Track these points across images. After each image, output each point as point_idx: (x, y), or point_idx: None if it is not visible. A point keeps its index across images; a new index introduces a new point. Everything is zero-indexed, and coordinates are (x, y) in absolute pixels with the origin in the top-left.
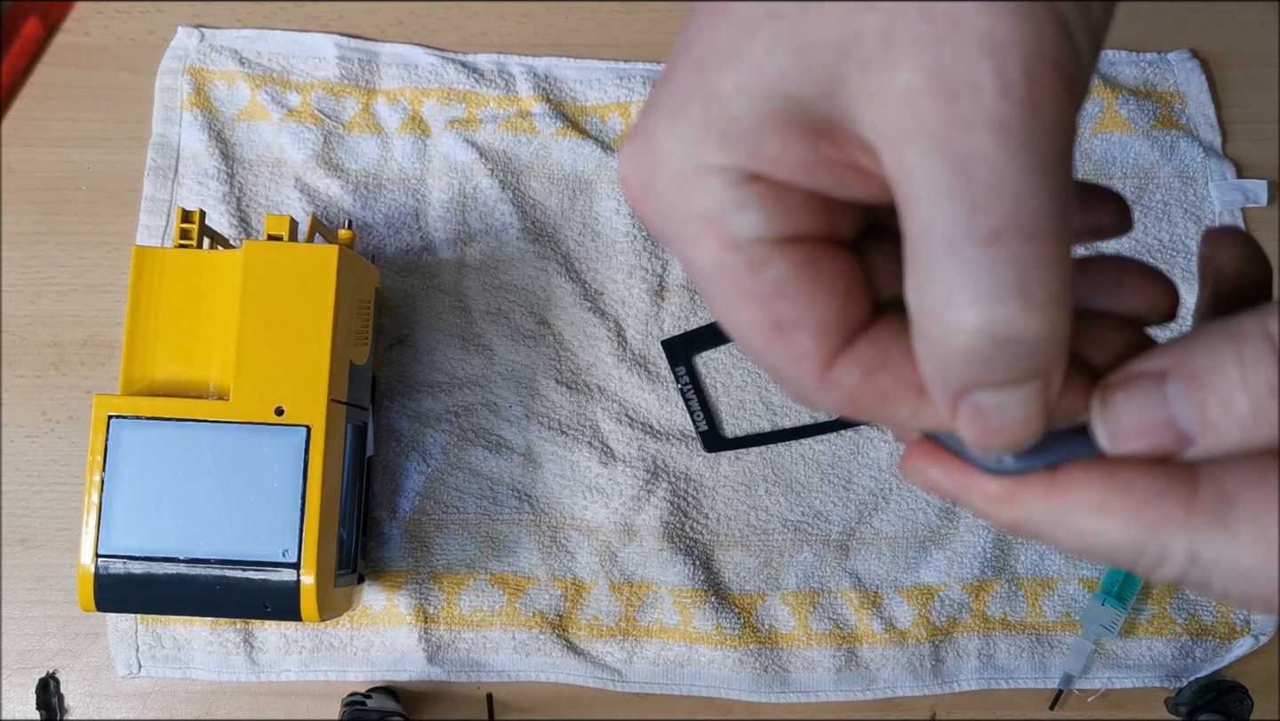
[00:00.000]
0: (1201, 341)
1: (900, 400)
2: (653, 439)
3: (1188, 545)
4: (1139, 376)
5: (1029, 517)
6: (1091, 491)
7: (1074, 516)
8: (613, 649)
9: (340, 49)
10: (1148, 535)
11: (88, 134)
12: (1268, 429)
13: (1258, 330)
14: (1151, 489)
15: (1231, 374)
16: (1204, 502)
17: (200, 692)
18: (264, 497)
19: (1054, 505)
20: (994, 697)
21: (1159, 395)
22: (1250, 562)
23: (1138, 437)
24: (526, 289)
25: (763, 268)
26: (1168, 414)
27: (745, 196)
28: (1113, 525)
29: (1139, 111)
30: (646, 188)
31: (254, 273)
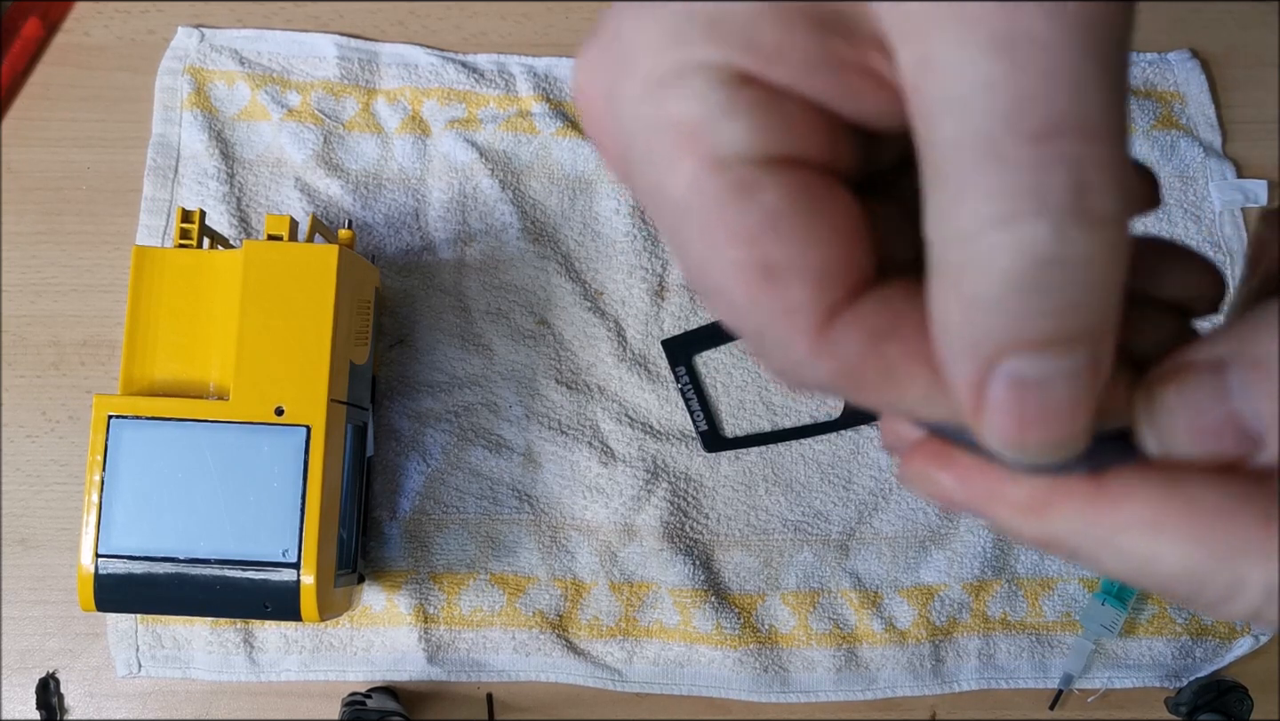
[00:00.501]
0: (1262, 323)
1: (912, 378)
2: (653, 439)
3: (1267, 576)
4: (1192, 367)
5: (1066, 534)
6: (1147, 505)
7: (1123, 535)
8: (613, 649)
9: (340, 49)
10: (1217, 562)
11: (88, 134)
12: None
13: None
14: (1222, 505)
15: None
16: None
17: (200, 692)
18: (264, 497)
19: (1099, 520)
20: (994, 697)
21: (1219, 388)
22: None
23: (1196, 440)
24: (526, 289)
25: (751, 194)
26: (1231, 410)
27: (734, 101)
28: (1172, 548)
29: (1139, 111)
30: (608, 99)
31: (254, 273)
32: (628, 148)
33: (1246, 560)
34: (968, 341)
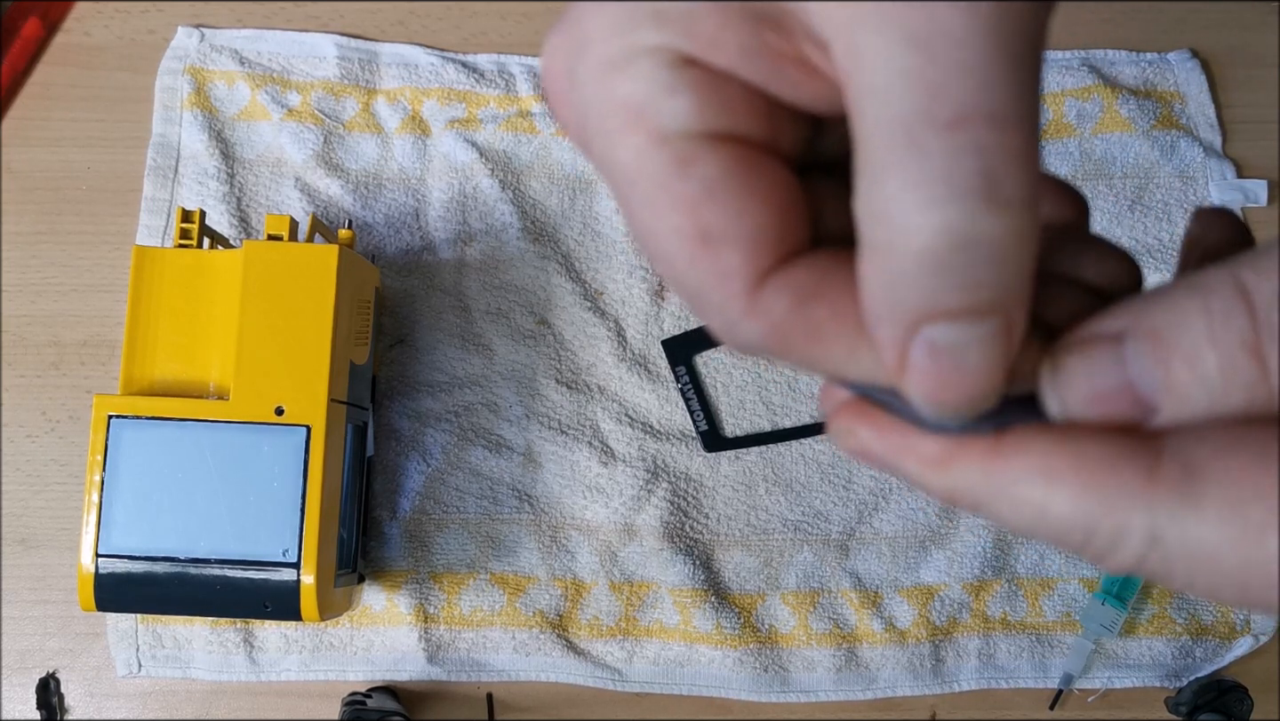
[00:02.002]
0: (1163, 296)
1: (836, 337)
2: (653, 439)
3: (1148, 522)
4: (1094, 337)
5: (968, 486)
6: (1039, 456)
7: (1018, 486)
8: (613, 648)
9: (340, 49)
10: (1102, 509)
11: (88, 134)
12: (1240, 392)
13: (1226, 281)
14: (1108, 456)
15: (1197, 328)
16: (1167, 474)
17: (200, 692)
18: (264, 497)
19: (996, 471)
20: (994, 697)
21: (1116, 356)
22: (1218, 543)
23: (1093, 404)
24: (526, 289)
25: (691, 166)
26: (1126, 377)
27: (676, 80)
28: (1062, 496)
29: (1139, 111)
30: (568, 78)
31: (254, 272)
32: (584, 123)
33: (1129, 508)
34: (890, 310)
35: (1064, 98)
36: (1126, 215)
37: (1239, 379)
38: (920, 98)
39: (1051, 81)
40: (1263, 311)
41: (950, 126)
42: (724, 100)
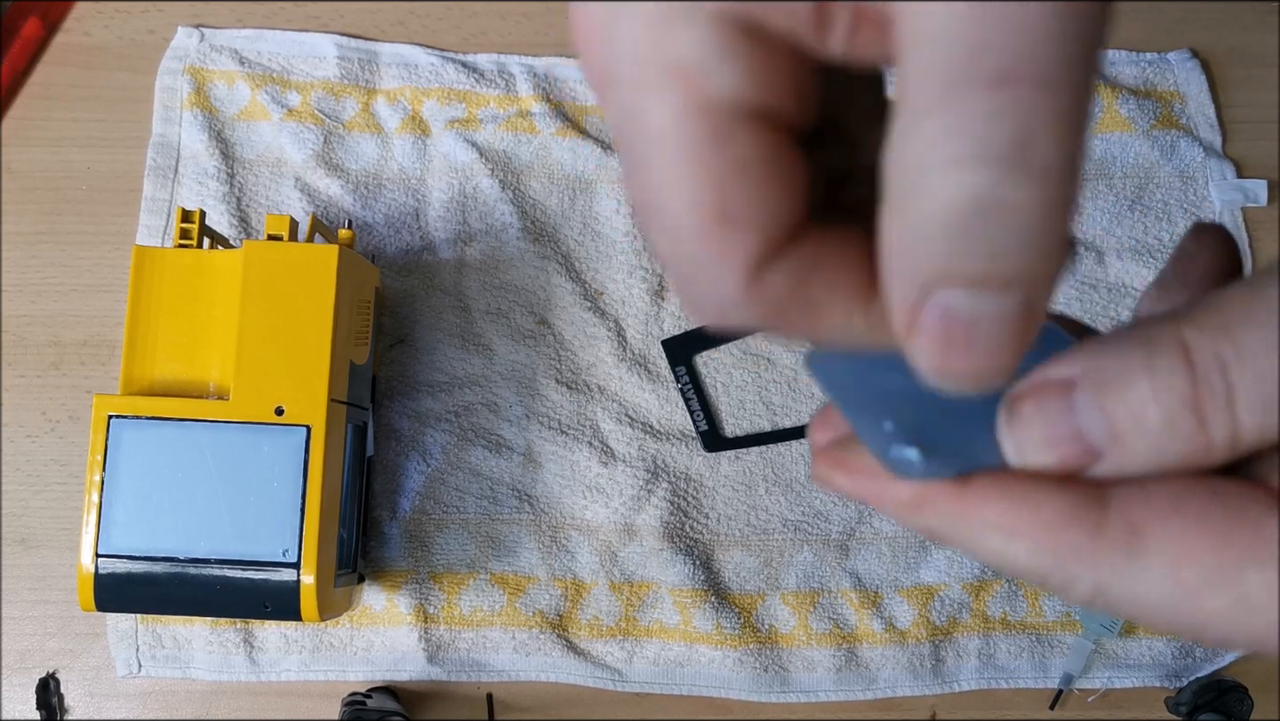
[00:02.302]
0: (1113, 348)
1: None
2: (653, 439)
3: (1094, 579)
4: (1046, 385)
5: (939, 528)
6: (999, 512)
7: (982, 535)
8: (613, 649)
9: (340, 49)
10: (1054, 564)
11: (88, 134)
12: (1182, 445)
13: (1170, 339)
14: (1060, 515)
15: (1142, 385)
16: (1112, 534)
17: (200, 692)
18: (264, 497)
19: (961, 520)
20: (994, 697)
21: (1067, 405)
22: (1158, 600)
23: (1044, 451)
24: (526, 289)
25: (728, 141)
26: (1075, 425)
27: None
28: (1019, 550)
29: (1139, 111)
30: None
31: (254, 273)
32: (614, 65)
33: (1077, 565)
34: (906, 267)
35: None
36: (1126, 215)
37: (1179, 432)
38: (967, 48)
39: None
40: (1202, 371)
41: (993, 83)
42: (774, 77)
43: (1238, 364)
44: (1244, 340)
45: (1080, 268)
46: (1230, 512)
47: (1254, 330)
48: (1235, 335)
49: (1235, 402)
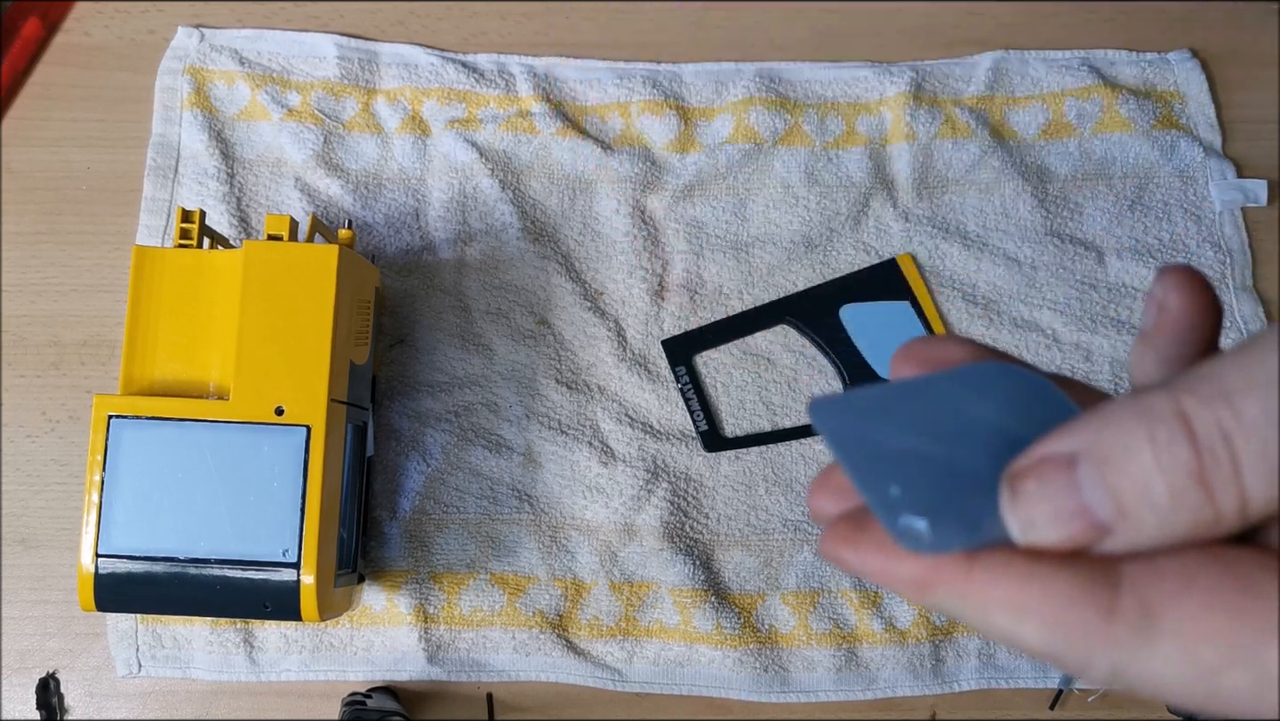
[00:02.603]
0: (1112, 420)
1: None
2: (653, 439)
3: (1109, 660)
4: (1048, 461)
5: (948, 605)
6: (1009, 591)
7: (992, 615)
8: (613, 649)
9: (340, 49)
10: (1067, 645)
11: (88, 134)
12: (1190, 516)
13: (1169, 409)
14: (1070, 593)
15: (1145, 457)
16: (1125, 614)
17: (200, 692)
18: (264, 497)
19: (970, 600)
20: (994, 697)
21: (1070, 481)
22: (1175, 681)
23: (1050, 528)
24: (526, 289)
25: None
26: (1081, 502)
27: None
28: (1030, 630)
29: (1139, 111)
30: None
31: (254, 273)
32: None
33: (1091, 647)
34: None
35: (1064, 97)
36: (1126, 215)
37: (1186, 503)
38: None
39: (1052, 81)
40: (1204, 440)
41: None
42: None
43: (1241, 433)
44: (1245, 408)
45: (1080, 267)
46: (1243, 585)
47: (1255, 398)
48: (1236, 404)
49: (1241, 472)
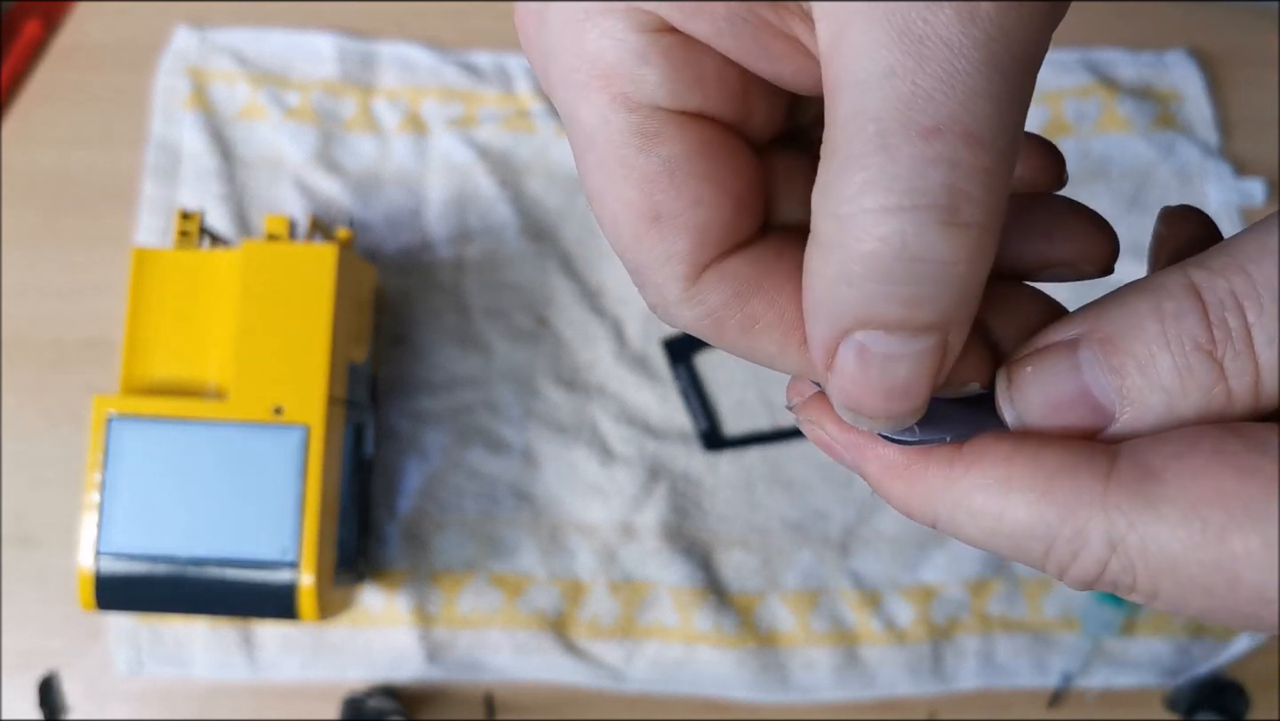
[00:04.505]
0: (1116, 301)
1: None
2: (652, 438)
3: (1106, 527)
4: (1048, 347)
5: (926, 495)
6: (996, 464)
7: (976, 495)
8: (612, 648)
9: (339, 48)
10: (1059, 516)
11: (88, 134)
12: (1199, 396)
13: (1178, 282)
14: (1064, 462)
15: (1150, 330)
16: (1124, 477)
17: (200, 692)
18: (263, 497)
19: (954, 480)
20: (994, 697)
21: (1071, 364)
22: (1179, 546)
23: (1050, 415)
24: (526, 288)
25: (654, 142)
26: (1082, 385)
27: (650, 48)
28: (1018, 503)
29: (1137, 111)
30: (539, 18)
31: (253, 272)
32: (549, 66)
33: (1087, 513)
34: (827, 307)
35: (1063, 97)
36: (1124, 214)
37: (1194, 381)
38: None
39: (1050, 81)
40: (1215, 311)
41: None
42: (698, 75)
43: (1254, 298)
44: (1258, 273)
45: None
46: (1251, 444)
47: (1270, 263)
48: (1248, 270)
49: (1254, 342)
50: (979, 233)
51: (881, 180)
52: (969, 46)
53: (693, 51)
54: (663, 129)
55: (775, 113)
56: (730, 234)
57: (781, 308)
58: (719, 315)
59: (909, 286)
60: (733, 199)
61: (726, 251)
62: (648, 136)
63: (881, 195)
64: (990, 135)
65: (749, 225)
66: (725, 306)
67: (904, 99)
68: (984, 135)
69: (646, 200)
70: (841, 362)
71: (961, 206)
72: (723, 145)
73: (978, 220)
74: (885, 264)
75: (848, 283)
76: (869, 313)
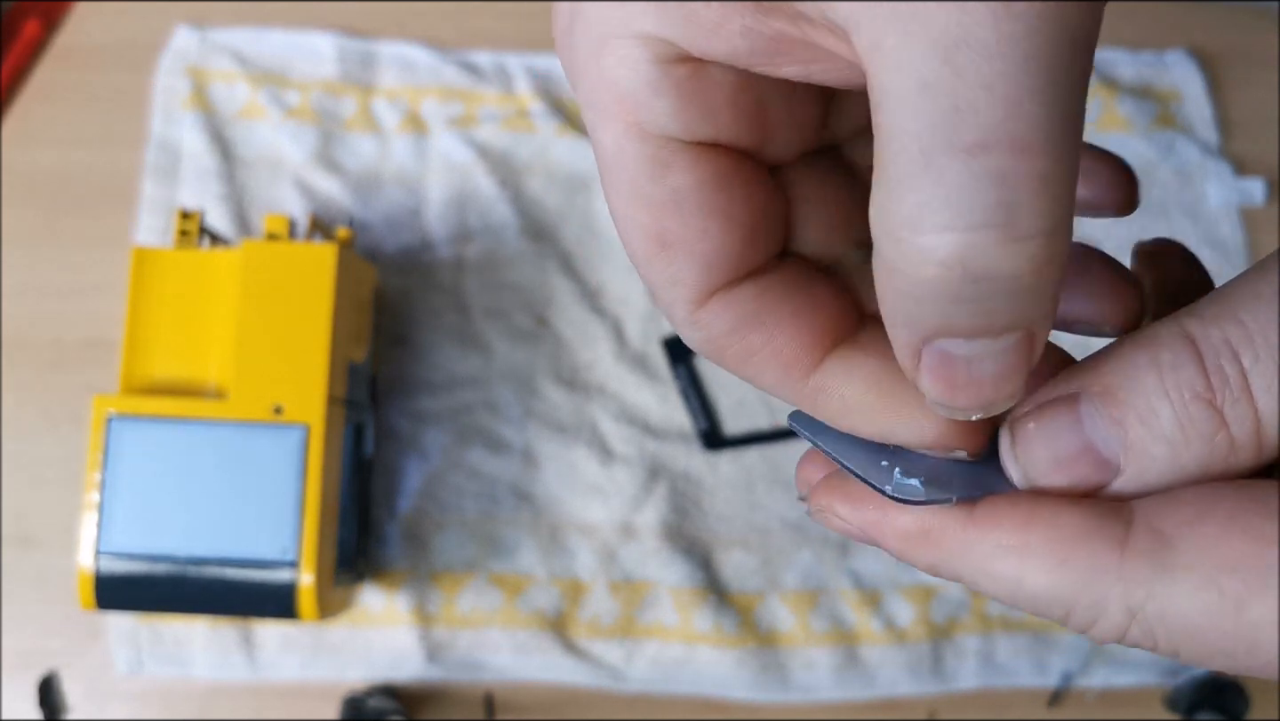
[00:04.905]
0: (1113, 355)
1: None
2: (652, 438)
3: (1124, 596)
4: (1050, 402)
5: (947, 559)
6: (1013, 531)
7: (995, 560)
8: (612, 648)
9: (339, 48)
10: (1078, 585)
11: (88, 134)
12: (1201, 445)
13: (1173, 333)
14: (1078, 529)
15: (1148, 382)
16: (1139, 544)
17: (200, 692)
18: (263, 496)
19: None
20: (994, 696)
21: (1073, 419)
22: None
23: (1055, 471)
24: (525, 287)
25: (664, 171)
26: (1085, 439)
27: (663, 80)
28: (1037, 571)
29: (1137, 110)
30: (569, 31)
31: (253, 272)
32: (576, 83)
33: (1104, 582)
34: (902, 320)
35: None
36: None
37: (1196, 430)
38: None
39: None
40: (1211, 359)
41: (971, 151)
42: (712, 105)
43: (1249, 346)
44: (1251, 322)
45: None
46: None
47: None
48: (1241, 318)
49: (1251, 388)
50: (1044, 240)
51: (932, 203)
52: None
53: (707, 81)
54: (674, 159)
55: (804, 130)
56: (738, 264)
57: (780, 345)
58: (719, 342)
59: (979, 302)
60: (741, 230)
61: (735, 280)
62: (660, 166)
63: (935, 216)
64: (1042, 137)
65: (761, 254)
66: (726, 336)
67: (944, 114)
68: (1035, 139)
69: (656, 226)
70: (927, 366)
71: (1020, 220)
72: (735, 176)
73: (1040, 229)
74: (949, 287)
75: (916, 302)
76: (943, 325)
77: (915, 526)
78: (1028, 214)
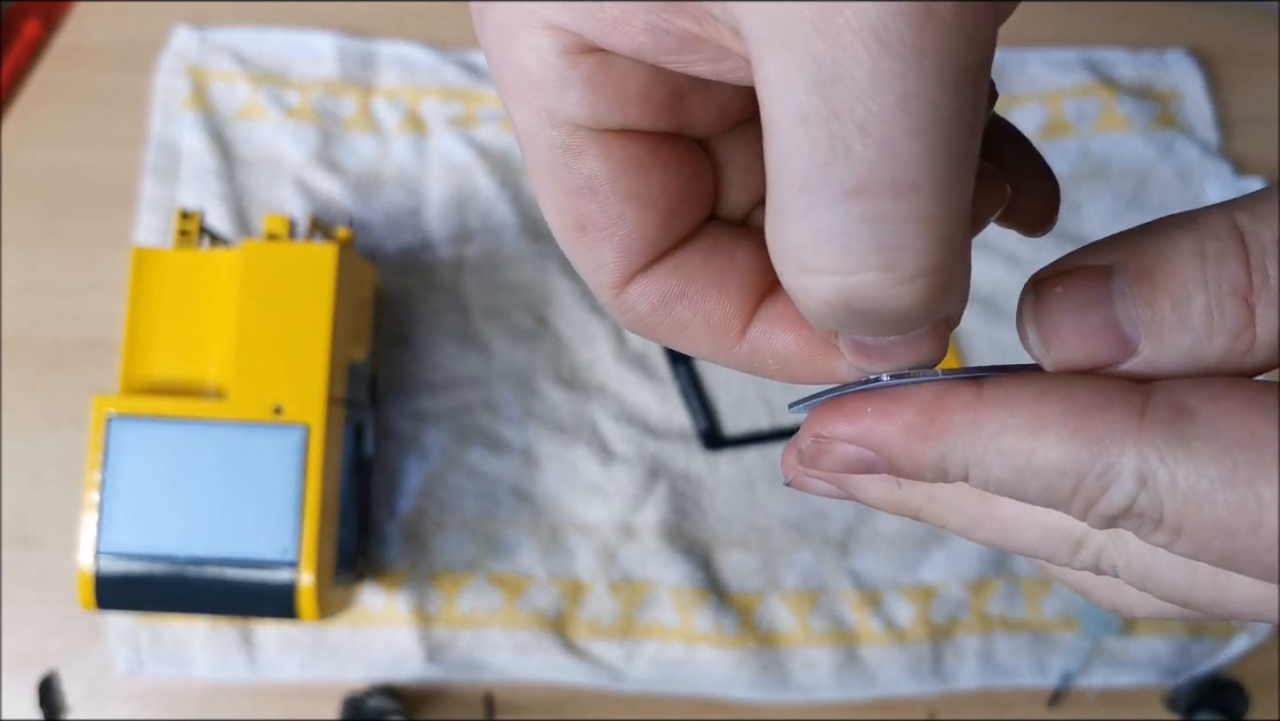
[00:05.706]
0: (1155, 234)
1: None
2: (652, 438)
3: (1139, 462)
4: (1080, 270)
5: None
6: (1026, 403)
7: (1006, 435)
8: (612, 648)
9: (339, 48)
10: (1092, 452)
11: (88, 134)
12: (1225, 339)
13: (1222, 223)
14: (1098, 399)
15: (1189, 269)
16: (1159, 414)
17: (200, 692)
18: (263, 496)
19: (983, 424)
20: (994, 696)
21: (1103, 293)
22: (1208, 486)
23: (1074, 342)
24: (525, 287)
25: (577, 158)
26: (1111, 315)
27: (572, 70)
28: (1051, 441)
29: (1137, 110)
30: (480, 19)
31: (253, 272)
32: (491, 65)
33: (1119, 447)
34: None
35: (1062, 96)
36: (1124, 214)
37: (1223, 324)
38: (818, 155)
39: (1050, 80)
40: (1257, 255)
41: (848, 195)
42: (621, 95)
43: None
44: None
45: None
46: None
47: None
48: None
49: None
50: (930, 279)
51: (814, 243)
52: (885, 83)
53: (615, 70)
54: (586, 146)
55: (727, 112)
56: (656, 245)
57: (707, 313)
58: (648, 321)
59: (871, 326)
60: (659, 213)
61: (652, 262)
62: (571, 152)
63: (818, 256)
64: (925, 178)
65: (682, 230)
66: (653, 314)
67: (821, 154)
68: (916, 180)
69: (574, 211)
70: (843, 345)
71: (902, 263)
72: (651, 159)
73: (924, 268)
74: (836, 316)
75: (814, 316)
76: (845, 330)
77: (919, 414)
78: (911, 256)
